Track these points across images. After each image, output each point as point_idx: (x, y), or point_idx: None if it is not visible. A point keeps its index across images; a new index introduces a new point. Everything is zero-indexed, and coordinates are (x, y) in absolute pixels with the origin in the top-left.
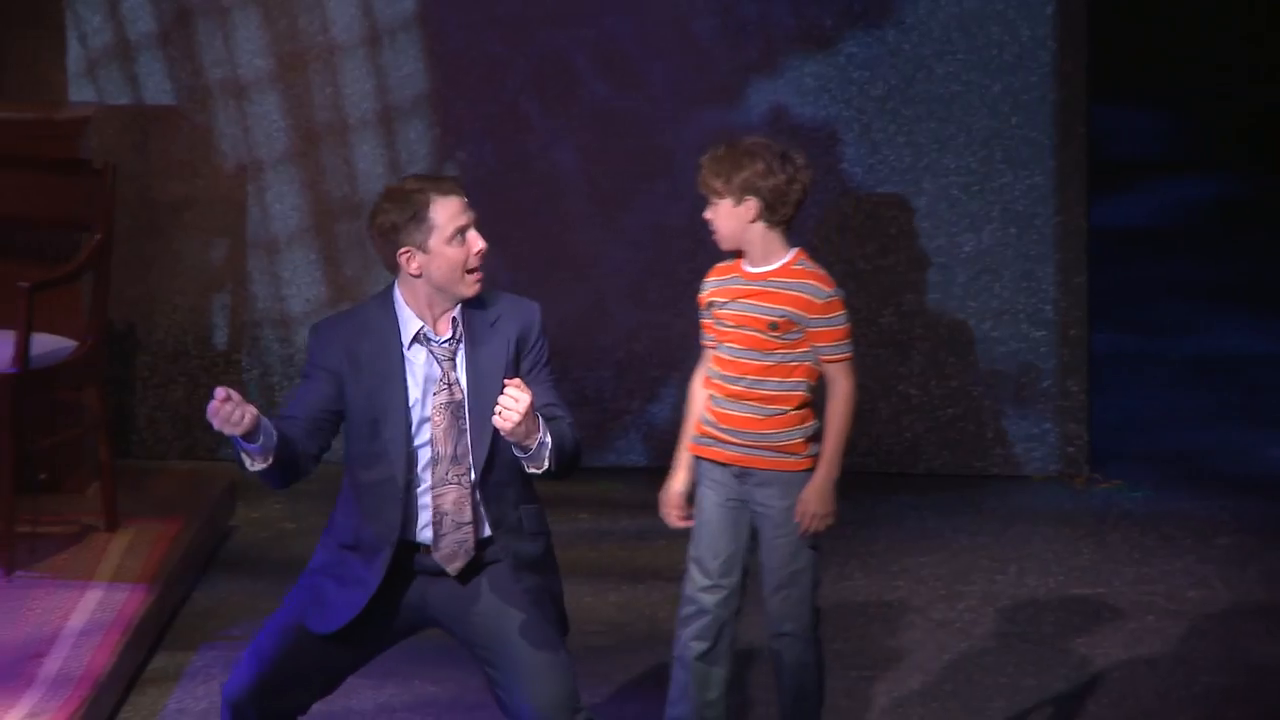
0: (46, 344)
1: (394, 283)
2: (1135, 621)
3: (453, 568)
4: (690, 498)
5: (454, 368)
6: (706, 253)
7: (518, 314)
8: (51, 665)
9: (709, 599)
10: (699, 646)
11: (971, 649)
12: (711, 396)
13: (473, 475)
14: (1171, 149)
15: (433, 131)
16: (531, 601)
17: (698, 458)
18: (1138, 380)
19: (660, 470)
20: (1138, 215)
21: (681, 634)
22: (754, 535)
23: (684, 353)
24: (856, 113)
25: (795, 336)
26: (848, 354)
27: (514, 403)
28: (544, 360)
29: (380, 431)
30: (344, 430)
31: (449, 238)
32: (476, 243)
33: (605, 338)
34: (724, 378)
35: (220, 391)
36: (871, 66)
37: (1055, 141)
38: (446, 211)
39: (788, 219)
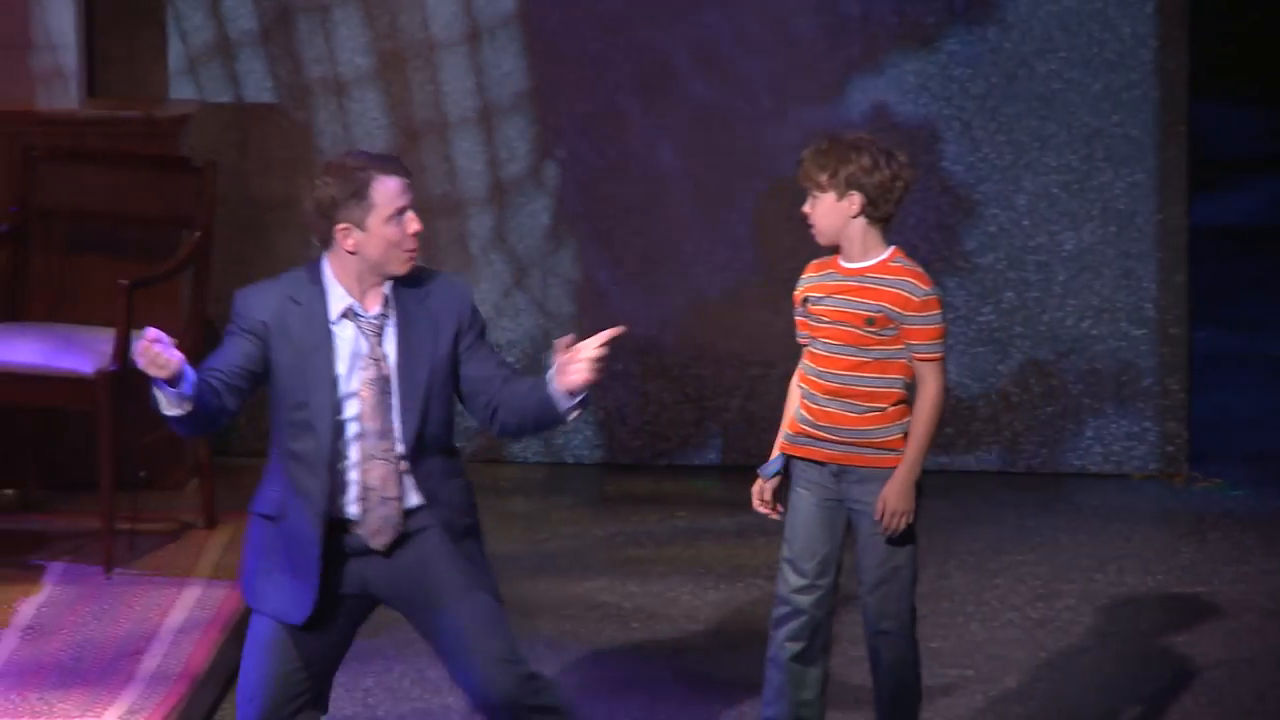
0: None
1: (323, 256)
2: (1235, 621)
3: (378, 542)
4: (779, 494)
5: (380, 343)
6: (807, 250)
7: (450, 294)
8: (150, 662)
9: (804, 599)
10: (794, 647)
11: (1069, 648)
12: (807, 394)
13: (399, 450)
14: (1272, 146)
15: (533, 129)
16: (463, 561)
17: (793, 457)
18: (1238, 378)
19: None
20: (1238, 213)
21: (776, 635)
22: (848, 532)
23: (783, 351)
24: (957, 111)
25: (891, 333)
26: (939, 354)
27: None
28: (482, 333)
29: (307, 404)
30: (270, 399)
31: (388, 217)
32: (413, 224)
33: (704, 335)
34: (819, 374)
35: (150, 332)
36: (972, 64)
37: (1156, 139)
38: (387, 191)
39: (889, 216)
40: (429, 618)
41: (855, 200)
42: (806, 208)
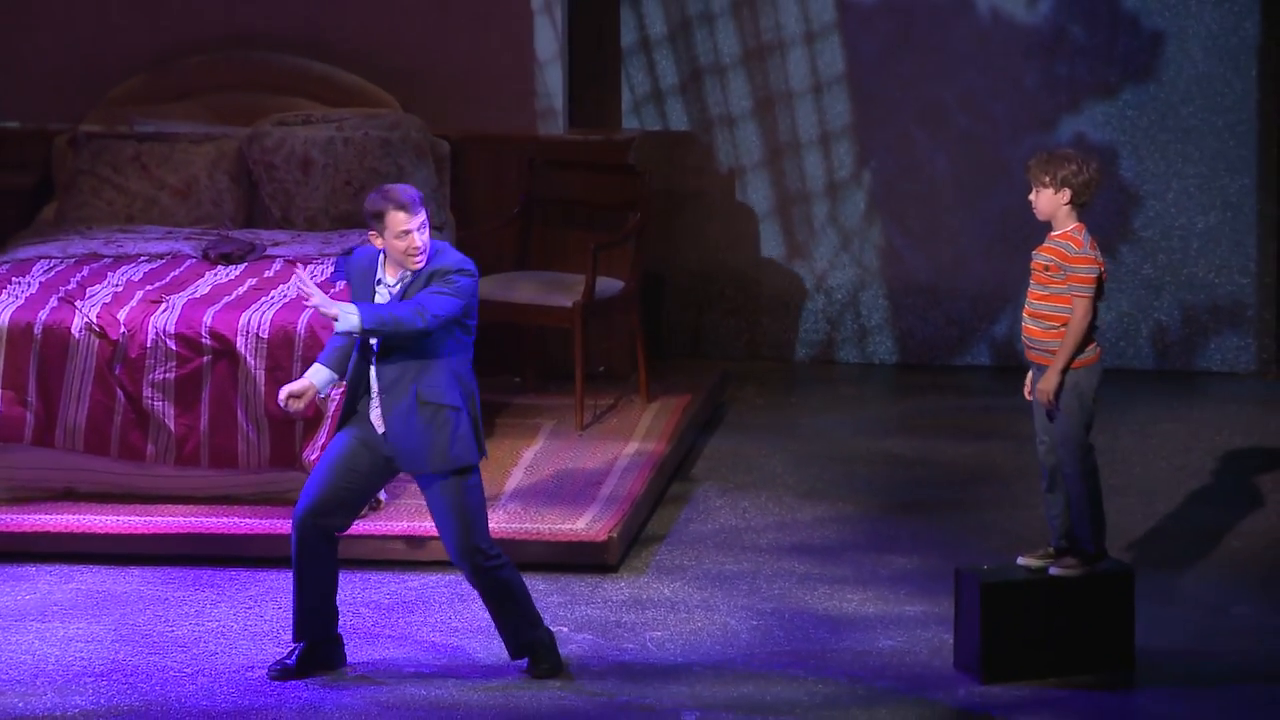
0: (605, 285)
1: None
2: None
3: (378, 424)
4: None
5: (390, 299)
6: (1030, 226)
7: (440, 260)
8: (606, 489)
9: (1041, 450)
10: (1044, 484)
11: (1202, 485)
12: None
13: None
14: None
15: (853, 150)
16: (444, 448)
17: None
18: None
19: (999, 369)
20: None
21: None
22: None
23: (1017, 290)
24: (1129, 138)
25: (1060, 276)
26: (1084, 294)
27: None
28: (446, 279)
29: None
30: None
31: (396, 235)
32: (415, 240)
33: (965, 280)
34: (1028, 301)
35: (284, 403)
36: (1139, 107)
37: (1258, 156)
38: (396, 222)
39: (1085, 204)
40: (427, 499)
41: (1066, 193)
42: (1031, 196)
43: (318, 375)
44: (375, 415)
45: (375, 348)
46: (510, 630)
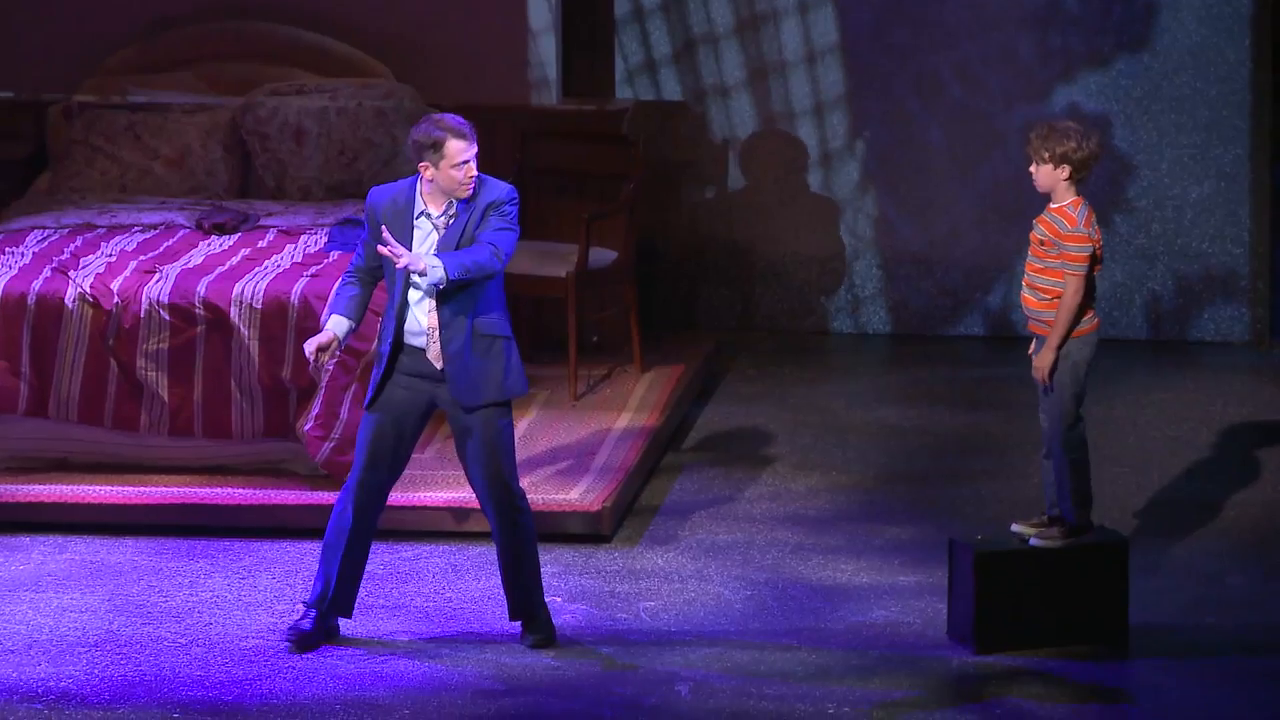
0: (599, 255)
1: (418, 175)
2: None
3: (436, 360)
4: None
5: (440, 230)
6: (1025, 197)
7: (489, 191)
8: (599, 460)
9: (1041, 413)
10: (1043, 451)
11: (1197, 455)
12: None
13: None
14: None
15: (847, 120)
16: (490, 394)
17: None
18: None
19: (993, 339)
20: None
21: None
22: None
23: (1011, 260)
24: (1122, 107)
25: (1054, 251)
26: (1076, 272)
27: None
28: (502, 212)
29: (394, 271)
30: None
31: (454, 165)
32: (473, 169)
33: (958, 251)
34: (1027, 274)
35: (312, 356)
36: (1133, 77)
37: (1251, 127)
38: (455, 151)
39: (1083, 178)
40: (457, 439)
41: (1065, 168)
42: (1031, 168)
43: (339, 326)
44: (434, 353)
45: (431, 291)
46: (518, 586)
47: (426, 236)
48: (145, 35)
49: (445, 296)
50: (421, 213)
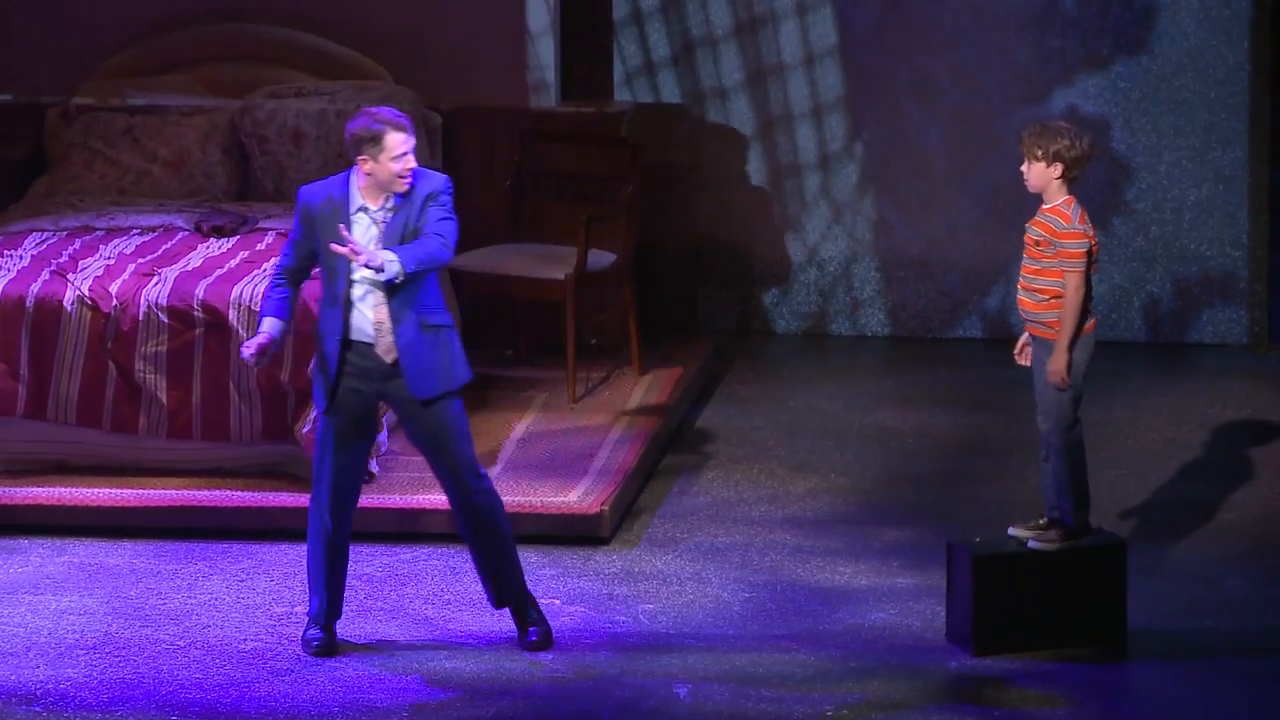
0: (597, 257)
1: (353, 168)
2: None
3: (387, 355)
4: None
5: (380, 225)
6: (1022, 199)
7: (426, 182)
8: (598, 462)
9: (1039, 416)
10: (1042, 454)
11: (1194, 456)
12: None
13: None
14: None
15: (845, 122)
16: (441, 382)
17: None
18: None
19: (991, 341)
20: None
21: None
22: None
23: (1010, 262)
24: (1120, 109)
25: (1050, 251)
26: (1075, 269)
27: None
28: (440, 202)
29: (335, 268)
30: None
31: (394, 158)
32: (411, 161)
33: (957, 253)
34: (1023, 276)
35: (253, 360)
36: (1131, 80)
37: (1250, 129)
38: (395, 143)
39: (1076, 178)
40: (415, 435)
41: (1058, 167)
42: (1023, 168)
43: (275, 328)
44: (384, 347)
45: (382, 286)
46: (494, 572)
47: (366, 231)
48: (143, 38)
49: (393, 290)
50: (359, 208)
